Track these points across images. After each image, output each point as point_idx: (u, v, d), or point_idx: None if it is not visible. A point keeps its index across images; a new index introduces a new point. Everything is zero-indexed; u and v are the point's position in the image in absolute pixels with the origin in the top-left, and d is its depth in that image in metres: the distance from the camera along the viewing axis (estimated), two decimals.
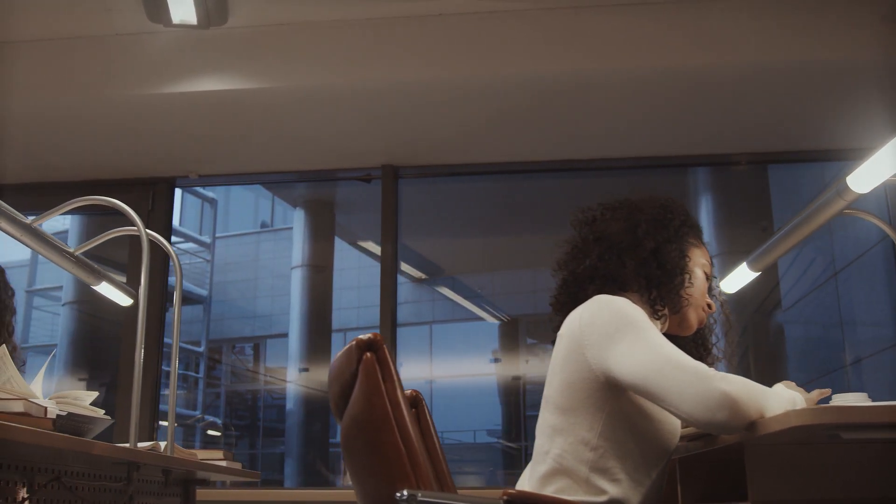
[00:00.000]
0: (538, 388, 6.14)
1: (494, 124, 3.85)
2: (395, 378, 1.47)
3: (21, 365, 2.56)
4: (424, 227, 5.72)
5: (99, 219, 5.15)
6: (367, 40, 3.58)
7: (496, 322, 7.54)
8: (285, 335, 8.14)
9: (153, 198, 4.31)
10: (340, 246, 6.95)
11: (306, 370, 7.71)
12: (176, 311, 2.16)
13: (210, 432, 9.60)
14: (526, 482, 1.76)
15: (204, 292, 10.62)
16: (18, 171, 4.21)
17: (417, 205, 4.83)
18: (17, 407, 1.72)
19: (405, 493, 1.39)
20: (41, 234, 2.09)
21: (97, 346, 5.79)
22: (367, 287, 9.57)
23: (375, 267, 8.82)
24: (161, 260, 4.17)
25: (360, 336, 1.50)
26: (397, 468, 1.43)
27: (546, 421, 1.72)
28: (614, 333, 1.61)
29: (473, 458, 8.50)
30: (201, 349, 10.53)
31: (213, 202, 10.46)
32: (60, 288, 10.91)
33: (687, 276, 1.83)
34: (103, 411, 2.08)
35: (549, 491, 1.66)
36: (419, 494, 1.38)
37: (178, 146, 4.04)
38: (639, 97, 3.63)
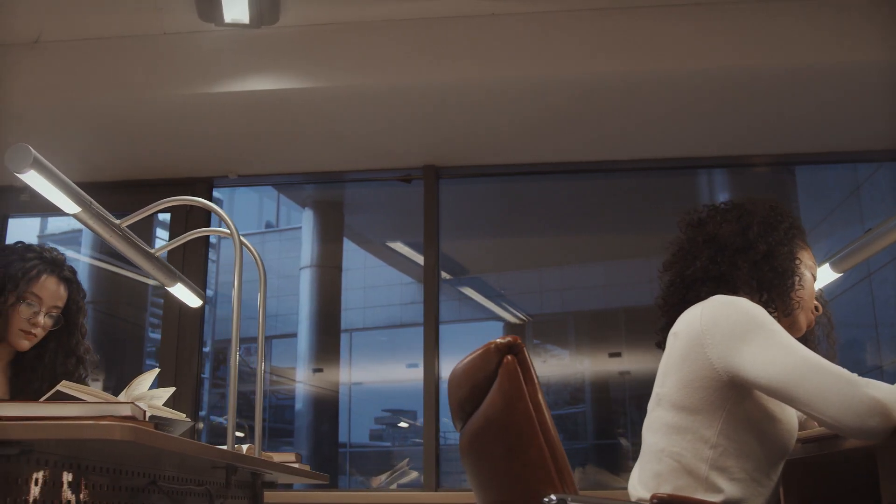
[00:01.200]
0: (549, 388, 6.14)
1: (536, 125, 3.84)
2: (536, 381, 1.46)
3: (95, 367, 2.54)
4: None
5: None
6: (417, 40, 3.56)
7: (500, 322, 7.52)
8: (291, 335, 8.11)
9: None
10: (348, 246, 6.94)
11: (320, 370, 7.69)
12: (260, 314, 2.14)
13: (238, 434, 9.58)
14: (637, 480, 1.75)
15: (210, 292, 10.57)
16: (63, 171, 4.16)
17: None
18: (125, 410, 1.70)
19: (553, 497, 1.38)
20: (129, 235, 2.06)
21: (112, 346, 5.74)
22: (372, 288, 9.57)
23: (381, 268, 8.83)
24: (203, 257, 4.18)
25: (499, 339, 1.49)
26: (541, 472, 1.42)
27: (660, 419, 1.71)
28: (743, 334, 1.61)
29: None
30: (207, 349, 10.50)
31: (218, 202, 10.43)
32: None
33: (797, 279, 1.82)
34: (184, 414, 2.06)
35: (667, 489, 1.65)
36: (569, 499, 1.37)
37: (218, 146, 4.02)
38: (679, 97, 3.62)
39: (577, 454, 5.84)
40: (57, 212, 4.69)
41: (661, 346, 1.83)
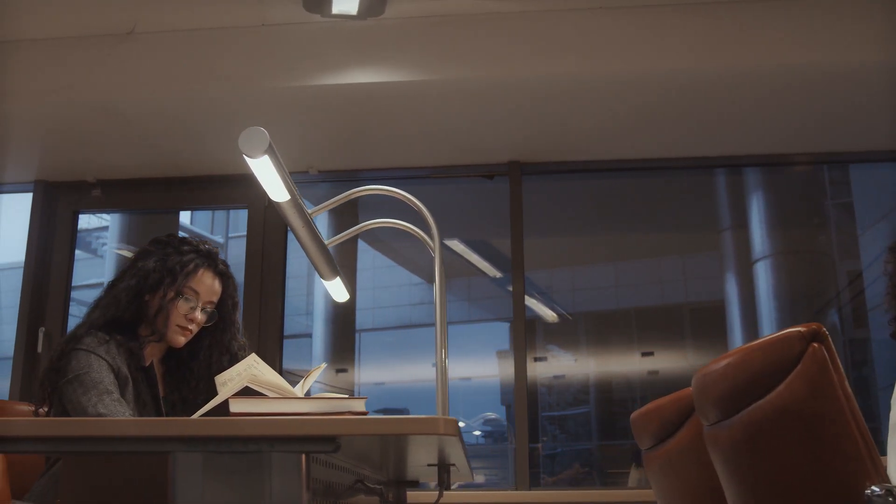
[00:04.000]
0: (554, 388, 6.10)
1: (623, 122, 3.80)
2: (842, 370, 1.42)
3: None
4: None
5: (145, 216, 5.03)
6: (519, 34, 3.52)
7: (506, 323, 7.48)
8: (305, 336, 8.04)
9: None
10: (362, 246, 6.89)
11: (344, 371, 7.62)
12: (438, 306, 2.08)
13: None
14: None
15: None
16: (140, 167, 4.08)
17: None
18: (359, 406, 1.65)
19: (875, 488, 1.34)
20: (314, 226, 2.00)
21: None
22: (381, 288, 9.51)
23: (391, 268, 8.78)
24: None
25: (799, 327, 1.45)
26: (855, 464, 1.37)
27: None
28: None
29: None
30: None
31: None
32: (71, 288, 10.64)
33: None
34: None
35: None
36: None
37: (304, 141, 3.95)
38: (770, 93, 3.60)
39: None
40: (124, 208, 4.61)
41: (894, 336, 1.81)
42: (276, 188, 1.81)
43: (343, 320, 7.25)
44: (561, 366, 6.68)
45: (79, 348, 2.20)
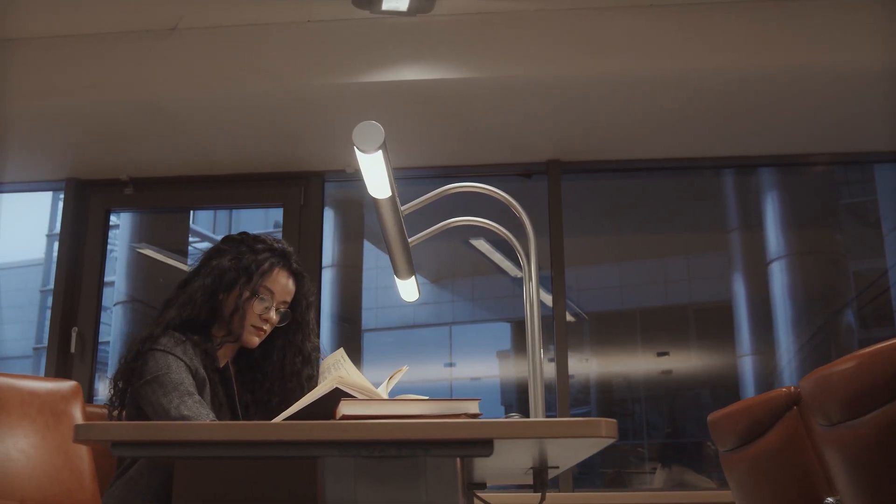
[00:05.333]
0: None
1: (662, 120, 3.79)
2: None
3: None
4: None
5: (156, 216, 4.98)
6: (567, 31, 3.49)
7: (507, 323, 7.46)
8: None
9: (305, 193, 4.17)
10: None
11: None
12: (534, 298, 2.04)
13: None
14: None
15: None
16: (175, 165, 4.02)
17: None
18: (473, 408, 1.61)
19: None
20: (403, 225, 1.96)
21: None
22: (385, 288, 9.45)
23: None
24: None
25: None
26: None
27: None
28: None
29: None
30: None
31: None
32: None
33: None
34: None
35: None
36: None
37: (344, 138, 3.89)
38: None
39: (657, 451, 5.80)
40: (157, 206, 4.54)
41: None
42: (379, 184, 1.77)
43: (350, 321, 7.21)
44: (573, 366, 6.64)
45: (155, 349, 2.14)
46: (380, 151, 1.62)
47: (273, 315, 2.28)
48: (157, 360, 2.12)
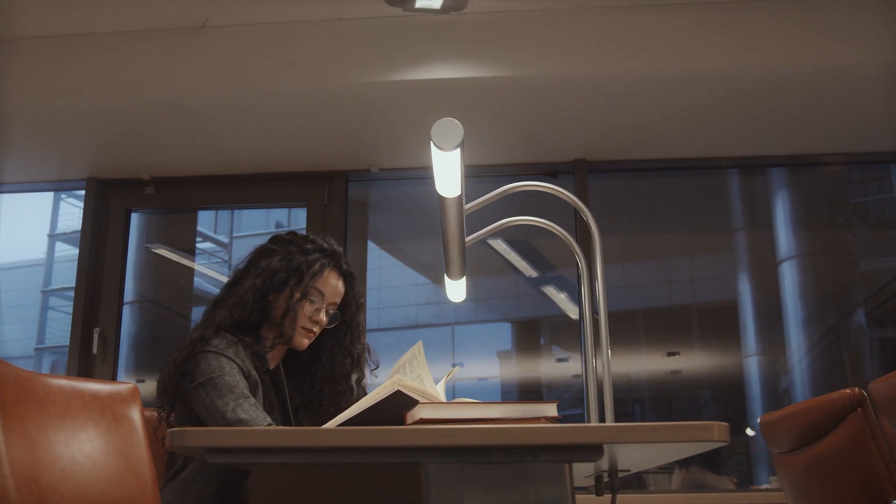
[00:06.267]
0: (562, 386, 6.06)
1: (684, 120, 3.77)
2: None
3: (376, 367, 2.38)
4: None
5: (162, 216, 4.94)
6: (600, 29, 3.47)
7: (508, 323, 7.44)
8: None
9: (328, 192, 4.13)
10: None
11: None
12: (600, 298, 2.02)
13: None
14: None
15: None
16: (197, 164, 3.98)
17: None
18: (551, 411, 1.58)
19: None
20: (463, 223, 1.93)
21: (159, 345, 5.54)
22: (387, 288, 9.43)
23: (397, 268, 8.72)
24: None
25: None
26: None
27: None
28: None
29: None
30: None
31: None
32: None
33: None
34: None
35: None
36: None
37: (371, 137, 3.87)
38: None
39: None
40: (178, 206, 4.50)
41: None
42: (451, 183, 1.74)
43: None
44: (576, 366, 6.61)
45: (207, 350, 2.10)
46: (458, 149, 1.59)
47: (323, 317, 2.24)
48: (209, 362, 2.08)
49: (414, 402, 1.50)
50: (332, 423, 1.55)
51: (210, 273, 5.84)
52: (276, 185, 4.12)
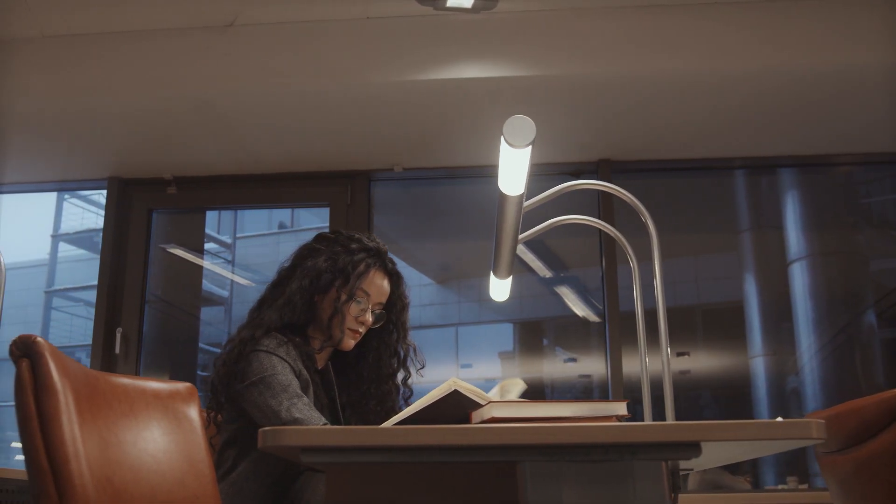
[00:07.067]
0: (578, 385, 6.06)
1: (705, 121, 3.78)
2: None
3: (422, 367, 2.37)
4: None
5: (169, 216, 4.91)
6: (631, 28, 3.47)
7: (510, 324, 7.44)
8: None
9: (351, 192, 4.12)
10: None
11: None
12: (659, 296, 2.02)
13: None
14: None
15: (225, 293, 10.34)
16: (220, 163, 3.97)
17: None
18: (621, 409, 1.58)
19: None
20: (519, 222, 1.93)
21: (171, 345, 5.52)
22: None
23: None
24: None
25: None
26: None
27: None
28: None
29: None
30: None
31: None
32: (79, 289, 10.45)
33: None
34: None
35: None
36: None
37: (395, 137, 3.86)
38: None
39: None
40: (200, 206, 4.48)
41: None
42: (515, 181, 1.73)
43: None
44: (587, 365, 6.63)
45: (259, 350, 2.09)
46: (528, 147, 1.59)
47: (369, 317, 2.23)
48: (261, 362, 2.06)
49: (470, 403, 1.49)
50: (388, 423, 1.54)
51: (223, 273, 5.82)
52: (298, 184, 4.11)
